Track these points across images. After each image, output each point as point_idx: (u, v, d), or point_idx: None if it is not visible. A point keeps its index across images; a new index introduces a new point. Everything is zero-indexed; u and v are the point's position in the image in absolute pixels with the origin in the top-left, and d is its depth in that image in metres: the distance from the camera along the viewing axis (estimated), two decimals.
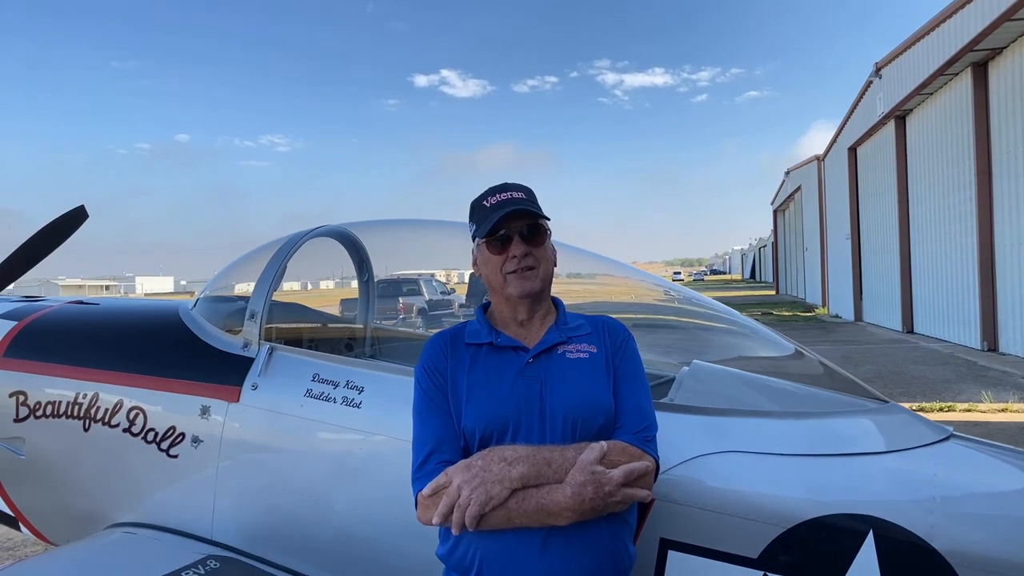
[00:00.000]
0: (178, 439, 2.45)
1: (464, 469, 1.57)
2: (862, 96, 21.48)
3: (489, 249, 1.78)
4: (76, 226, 3.76)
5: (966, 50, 13.46)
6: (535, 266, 1.76)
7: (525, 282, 1.75)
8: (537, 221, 1.79)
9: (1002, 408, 8.63)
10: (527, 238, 1.76)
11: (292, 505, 2.27)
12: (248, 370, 2.43)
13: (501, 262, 1.76)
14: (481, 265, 1.83)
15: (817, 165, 31.29)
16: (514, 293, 1.76)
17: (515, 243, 1.75)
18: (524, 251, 1.75)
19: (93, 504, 2.68)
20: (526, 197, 1.81)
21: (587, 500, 1.52)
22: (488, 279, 1.81)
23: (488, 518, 1.53)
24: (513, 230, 1.76)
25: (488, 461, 1.57)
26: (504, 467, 1.55)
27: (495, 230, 1.75)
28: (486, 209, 1.79)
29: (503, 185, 1.84)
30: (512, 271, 1.75)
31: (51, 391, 2.71)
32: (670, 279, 55.05)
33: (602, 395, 1.72)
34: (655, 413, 1.78)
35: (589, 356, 1.77)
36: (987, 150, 14.15)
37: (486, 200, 1.81)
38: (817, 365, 2.54)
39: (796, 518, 1.86)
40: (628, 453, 1.62)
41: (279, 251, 2.72)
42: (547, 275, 1.81)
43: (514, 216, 1.76)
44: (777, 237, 51.76)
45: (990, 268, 14.20)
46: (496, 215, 1.74)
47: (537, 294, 1.79)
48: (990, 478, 2.07)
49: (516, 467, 1.54)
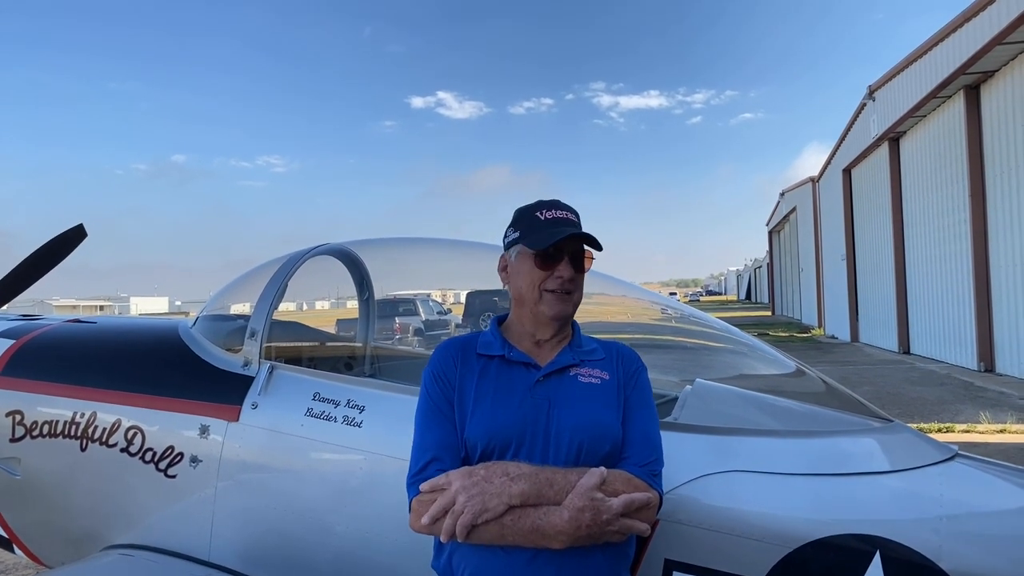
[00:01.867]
0: (176, 459, 2.42)
1: (465, 475, 1.55)
2: (856, 118, 21.67)
3: (535, 262, 1.75)
4: (74, 245, 3.75)
5: (958, 73, 13.60)
6: (573, 291, 1.76)
7: (561, 304, 1.74)
8: (588, 248, 1.78)
9: (1001, 429, 8.61)
10: (575, 263, 1.76)
11: (292, 526, 2.24)
12: (248, 389, 2.41)
13: (543, 278, 1.74)
14: (515, 275, 1.80)
15: (812, 187, 31.48)
16: (548, 313, 1.74)
17: (564, 264, 1.74)
18: (571, 275, 1.74)
19: (89, 525, 2.64)
20: (577, 219, 1.80)
21: (583, 526, 1.49)
22: (520, 290, 1.78)
23: (480, 531, 1.50)
24: (565, 251, 1.74)
25: (491, 472, 1.54)
26: (506, 481, 1.52)
27: (548, 245, 1.72)
28: (539, 222, 1.76)
29: (555, 202, 1.82)
30: (552, 290, 1.73)
31: (48, 410, 2.69)
32: None
33: (610, 422, 1.70)
34: (663, 442, 1.76)
35: (601, 383, 1.75)
36: (980, 172, 14.25)
37: (539, 212, 1.78)
38: (819, 383, 2.53)
39: (802, 538, 1.85)
40: (632, 484, 1.60)
41: (280, 269, 2.71)
42: (579, 302, 1.80)
43: (571, 237, 1.74)
44: (773, 258, 51.93)
45: (986, 289, 14.24)
46: (557, 232, 1.72)
47: (567, 319, 1.79)
48: (996, 498, 2.05)
49: (517, 483, 1.52)
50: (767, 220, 50.75)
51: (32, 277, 3.58)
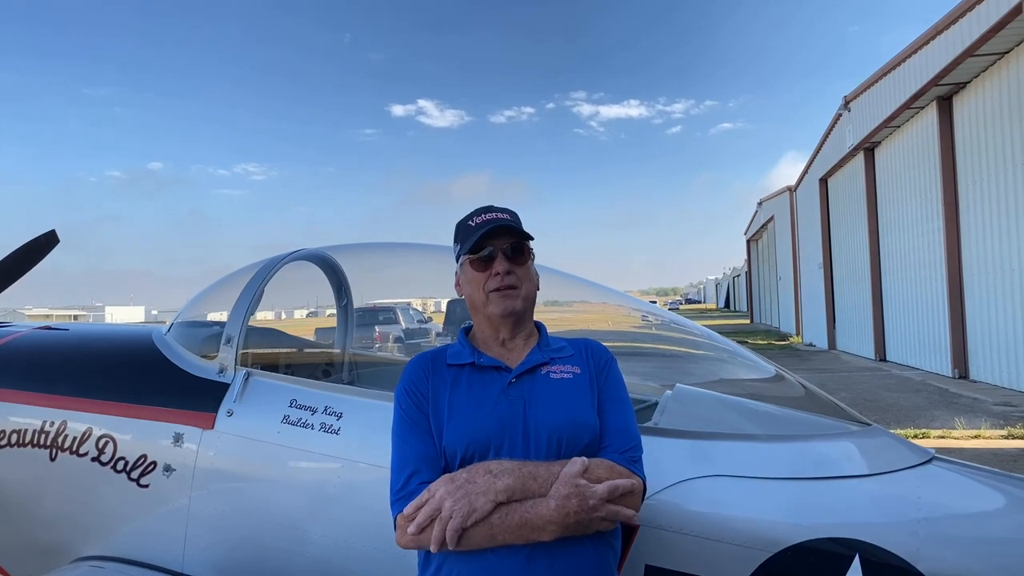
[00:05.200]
0: (149, 468, 2.37)
1: (448, 481, 1.54)
2: (832, 129, 21.97)
3: (472, 266, 1.78)
4: (47, 251, 3.68)
5: (931, 84, 13.84)
6: (517, 285, 1.76)
7: (507, 301, 1.75)
8: (521, 241, 1.79)
9: (975, 435, 8.72)
10: (510, 257, 1.77)
11: (267, 535, 2.21)
12: (224, 396, 2.37)
13: (484, 280, 1.76)
14: (464, 284, 1.82)
15: (789, 196, 31.83)
16: (495, 312, 1.75)
17: (498, 260, 1.75)
18: (507, 268, 1.75)
19: (59, 536, 2.58)
20: (511, 218, 1.81)
21: (572, 513, 1.49)
22: (471, 298, 1.80)
23: (470, 534, 1.49)
24: (497, 248, 1.76)
25: (473, 474, 1.54)
26: (489, 479, 1.52)
27: (479, 247, 1.76)
28: (471, 228, 1.79)
29: (488, 207, 1.84)
30: (495, 289, 1.74)
31: (17, 419, 2.62)
32: None
33: (587, 415, 1.70)
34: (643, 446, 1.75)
35: (573, 376, 1.76)
36: (953, 181, 14.49)
37: (471, 220, 1.82)
38: (798, 387, 2.54)
39: (782, 543, 1.85)
40: (615, 471, 1.60)
41: (256, 275, 2.67)
42: (529, 295, 1.80)
43: (498, 233, 1.76)
44: (751, 266, 52.39)
45: (959, 297, 14.46)
46: (480, 232, 1.75)
47: (519, 314, 1.78)
48: (973, 500, 2.07)
49: (501, 479, 1.52)
50: (745, 229, 51.23)
51: (2, 285, 3.51)
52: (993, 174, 12.99)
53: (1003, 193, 12.65)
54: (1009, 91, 12.27)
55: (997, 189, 12.87)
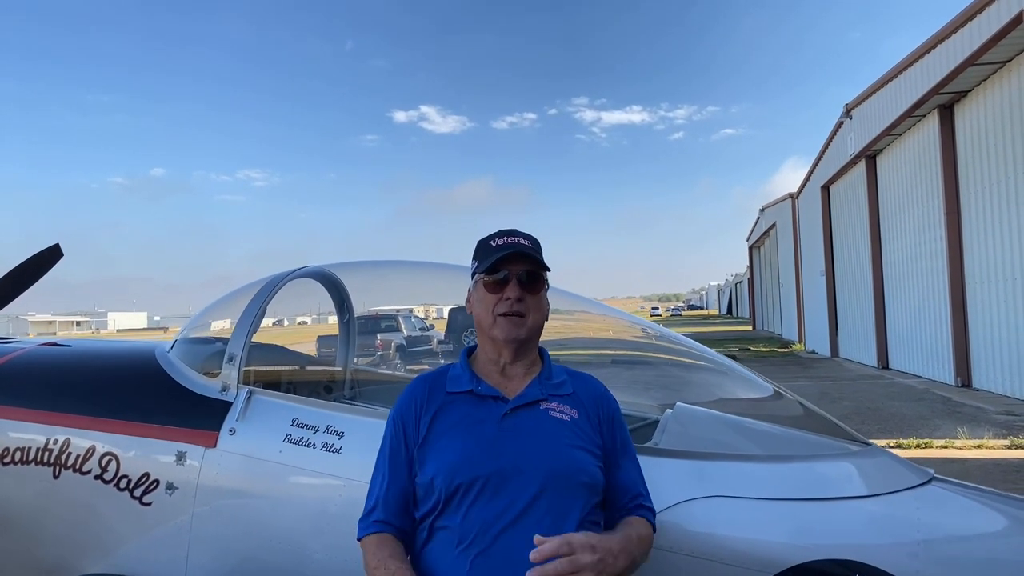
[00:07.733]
0: (152, 486, 2.38)
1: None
2: (833, 136, 21.98)
3: (485, 287, 1.79)
4: (50, 265, 3.70)
5: (932, 93, 13.85)
6: (525, 314, 1.77)
7: (512, 328, 1.76)
8: (537, 270, 1.80)
9: (978, 444, 8.69)
10: (524, 284, 1.77)
11: (269, 555, 2.21)
12: (226, 414, 2.38)
13: (494, 302, 1.77)
14: (475, 302, 1.83)
15: (791, 203, 31.83)
16: (499, 336, 1.76)
17: (512, 286, 1.76)
18: (519, 295, 1.76)
19: (61, 554, 2.59)
20: (531, 245, 1.82)
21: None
22: (478, 317, 1.82)
23: None
24: (512, 273, 1.77)
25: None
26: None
27: (495, 269, 1.77)
28: (491, 249, 1.80)
29: (512, 231, 1.85)
30: (503, 313, 1.75)
31: (20, 436, 2.63)
32: (648, 314, 54.95)
33: (580, 459, 1.71)
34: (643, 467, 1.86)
35: (570, 420, 1.77)
36: (955, 189, 14.49)
37: (493, 240, 1.83)
38: (796, 406, 2.55)
39: (782, 563, 1.86)
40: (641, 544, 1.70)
41: (259, 292, 2.69)
42: (535, 326, 1.81)
43: (516, 259, 1.77)
44: (753, 273, 52.34)
45: (961, 305, 14.43)
46: (498, 255, 1.76)
47: (522, 342, 1.79)
48: (972, 521, 2.07)
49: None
50: (747, 235, 51.22)
51: (6, 298, 3.53)
52: (995, 183, 12.99)
53: (1005, 201, 12.66)
54: (1010, 100, 12.28)
55: (999, 197, 12.87)
